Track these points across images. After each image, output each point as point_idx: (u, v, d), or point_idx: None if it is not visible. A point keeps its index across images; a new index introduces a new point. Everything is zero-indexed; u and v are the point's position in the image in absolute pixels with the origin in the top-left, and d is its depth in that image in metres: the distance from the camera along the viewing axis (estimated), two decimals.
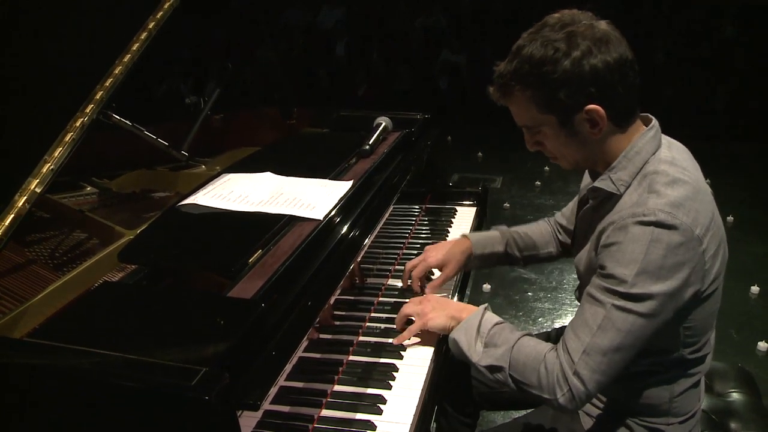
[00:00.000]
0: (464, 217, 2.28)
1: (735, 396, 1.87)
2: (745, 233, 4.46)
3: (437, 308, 1.53)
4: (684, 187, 1.30)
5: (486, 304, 1.51)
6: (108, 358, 0.96)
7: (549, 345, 1.37)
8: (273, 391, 1.38)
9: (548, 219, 1.89)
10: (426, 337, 1.55)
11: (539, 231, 1.86)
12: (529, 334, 1.43)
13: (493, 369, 1.38)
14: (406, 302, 1.58)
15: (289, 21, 8.14)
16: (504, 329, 1.43)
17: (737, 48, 6.73)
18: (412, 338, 1.55)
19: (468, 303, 1.56)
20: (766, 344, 3.18)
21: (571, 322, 1.35)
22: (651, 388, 1.48)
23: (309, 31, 8.10)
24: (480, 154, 6.00)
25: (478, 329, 1.43)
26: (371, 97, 7.49)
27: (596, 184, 1.40)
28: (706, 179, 4.77)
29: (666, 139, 1.43)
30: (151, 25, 1.40)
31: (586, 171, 1.58)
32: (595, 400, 1.57)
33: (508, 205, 4.86)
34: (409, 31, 8.04)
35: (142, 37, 1.38)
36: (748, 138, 6.20)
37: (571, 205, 1.81)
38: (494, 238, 1.84)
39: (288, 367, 1.45)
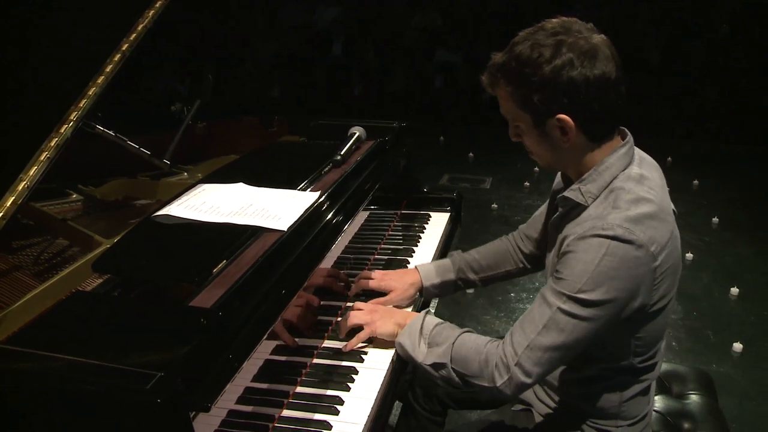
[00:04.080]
0: (437, 223, 2.36)
1: (692, 398, 1.95)
2: (731, 234, 4.53)
3: (384, 317, 1.63)
4: (647, 205, 1.38)
5: (428, 308, 1.61)
6: (72, 363, 1.04)
7: (487, 338, 1.49)
8: (239, 391, 1.49)
9: (508, 236, 1.95)
10: (383, 342, 1.63)
11: (494, 251, 1.93)
12: (470, 331, 1.53)
13: (437, 366, 1.50)
14: (352, 311, 1.66)
15: (285, 20, 8.20)
16: (445, 328, 1.54)
17: (732, 48, 6.76)
18: (374, 343, 1.63)
19: (450, 304, 1.64)
20: (741, 345, 3.25)
21: (522, 316, 1.46)
22: (602, 393, 1.57)
23: (305, 30, 8.16)
24: (471, 154, 6.07)
25: (421, 331, 1.54)
26: (366, 97, 7.55)
27: (566, 194, 1.48)
28: (693, 180, 4.88)
29: (638, 155, 1.50)
30: (124, 47, 1.48)
31: (558, 174, 1.66)
32: (549, 402, 1.66)
33: (496, 205, 4.94)
34: (406, 30, 8.09)
35: (116, 59, 1.46)
36: (737, 139, 6.25)
37: (537, 215, 1.88)
38: (444, 266, 1.90)
39: (254, 369, 1.56)
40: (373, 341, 1.63)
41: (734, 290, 3.77)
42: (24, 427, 1.07)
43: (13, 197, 1.24)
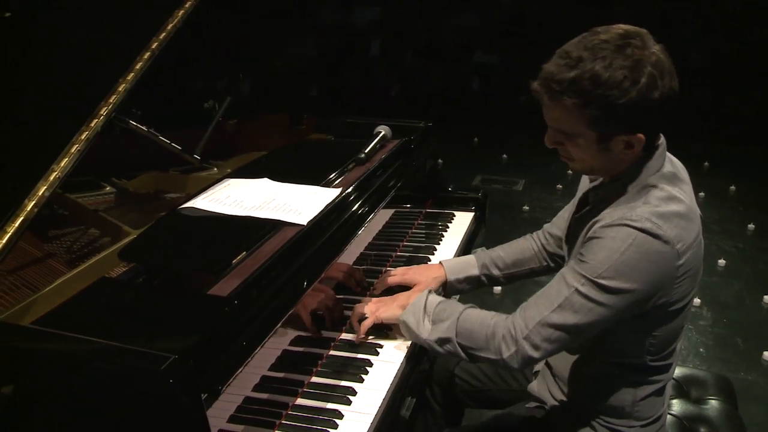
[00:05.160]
0: (461, 222, 2.39)
1: (711, 403, 1.94)
2: (766, 241, 4.45)
3: (388, 302, 1.68)
4: (677, 204, 1.39)
5: (429, 288, 1.68)
6: (92, 344, 1.10)
7: (493, 312, 1.53)
8: (256, 379, 1.54)
9: (532, 235, 1.97)
10: (398, 335, 1.66)
11: (519, 248, 1.94)
12: (473, 307, 1.57)
13: (442, 341, 1.52)
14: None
15: (322, 19, 8.26)
16: (449, 305, 1.57)
17: None
18: (389, 337, 1.67)
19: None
20: None
21: (538, 292, 1.48)
22: (615, 391, 1.58)
23: (341, 29, 8.22)
24: (504, 156, 6.07)
25: (425, 308, 1.57)
26: (402, 97, 7.59)
27: (599, 188, 1.51)
28: (730, 185, 4.81)
29: (669, 157, 1.50)
30: (154, 46, 1.55)
31: (584, 177, 1.67)
32: (563, 400, 1.67)
33: (527, 207, 4.93)
34: (443, 31, 8.10)
35: (145, 57, 1.53)
36: None
37: (562, 214, 1.89)
38: (469, 262, 1.93)
39: (272, 359, 1.61)
40: (389, 335, 1.67)
41: (767, 298, 3.70)
42: (45, 402, 1.13)
43: (45, 186, 1.31)
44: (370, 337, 1.67)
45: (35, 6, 1.65)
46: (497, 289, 3.71)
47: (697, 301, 3.61)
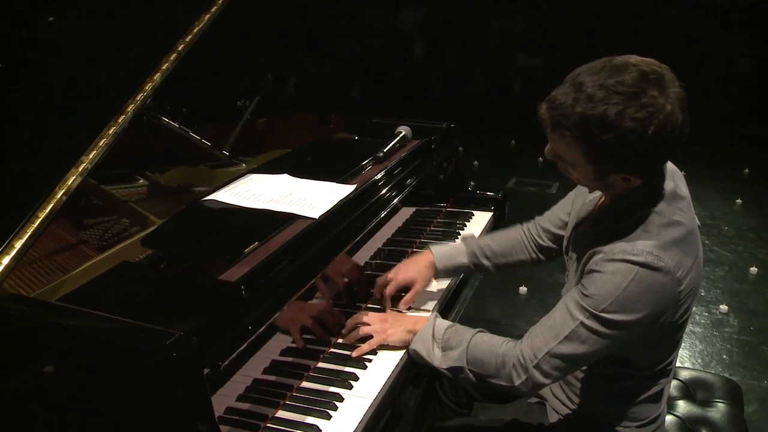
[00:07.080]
0: (479, 221, 2.44)
1: (716, 406, 1.97)
2: None
3: (394, 324, 1.67)
4: (677, 229, 1.42)
5: (436, 312, 1.70)
6: (108, 320, 1.21)
7: (502, 339, 1.55)
8: (265, 364, 1.63)
9: (522, 226, 1.99)
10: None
11: (508, 239, 1.98)
12: (482, 331, 1.60)
13: (454, 370, 1.56)
14: (363, 316, 1.71)
15: (367, 21, 8.36)
16: (456, 331, 1.60)
17: None
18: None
19: (502, 305, 1.69)
20: None
21: (544, 319, 1.51)
22: (613, 393, 1.63)
23: (385, 31, 8.30)
24: (541, 159, 6.07)
25: (433, 336, 1.60)
26: (445, 99, 7.64)
27: (601, 215, 1.54)
28: None
29: (668, 167, 1.51)
30: (180, 47, 1.66)
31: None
32: (562, 398, 1.72)
33: None
34: (486, 33, 8.12)
35: (172, 58, 1.64)
36: None
37: (557, 210, 1.91)
38: (458, 249, 1.95)
39: (283, 345, 1.70)
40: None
41: None
42: (61, 372, 1.23)
43: (74, 177, 1.42)
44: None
45: (35, 6, 1.80)
46: (522, 289, 3.75)
47: (724, 308, 3.59)
